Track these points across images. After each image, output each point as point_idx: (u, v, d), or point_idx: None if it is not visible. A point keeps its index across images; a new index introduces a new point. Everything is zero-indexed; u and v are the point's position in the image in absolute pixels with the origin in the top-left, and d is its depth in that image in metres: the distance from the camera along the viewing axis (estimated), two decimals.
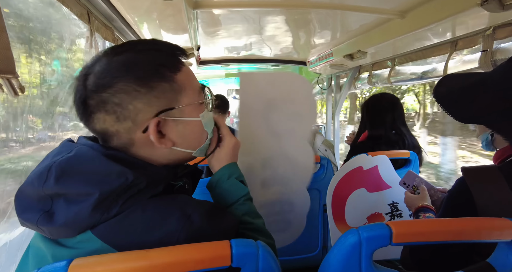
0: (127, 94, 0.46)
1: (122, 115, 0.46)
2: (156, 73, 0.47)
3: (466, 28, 1.12)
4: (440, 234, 0.45)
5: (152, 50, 0.49)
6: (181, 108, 0.50)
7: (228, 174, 0.61)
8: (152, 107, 0.47)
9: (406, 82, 1.77)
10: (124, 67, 0.46)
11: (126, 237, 0.42)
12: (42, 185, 0.42)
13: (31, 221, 0.42)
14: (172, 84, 0.49)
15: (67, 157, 0.44)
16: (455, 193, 0.66)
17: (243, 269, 0.43)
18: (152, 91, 0.47)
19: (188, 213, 0.44)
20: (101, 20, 0.95)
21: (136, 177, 0.43)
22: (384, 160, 1.24)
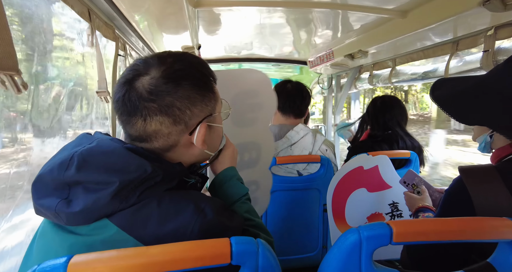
0: (188, 100, 0.51)
1: (179, 118, 0.51)
2: (207, 82, 0.54)
3: (468, 28, 1.12)
4: (441, 234, 0.45)
5: (199, 63, 0.55)
6: (215, 116, 0.57)
7: (230, 175, 0.68)
8: (203, 112, 0.54)
9: (407, 82, 1.77)
10: (185, 76, 0.51)
11: (142, 226, 0.44)
12: (63, 173, 0.44)
13: (49, 207, 0.44)
14: (214, 94, 0.56)
15: (88, 147, 0.46)
16: (452, 193, 0.66)
17: (243, 267, 0.43)
18: (204, 99, 0.53)
19: (202, 206, 0.47)
20: (102, 18, 0.95)
21: (154, 170, 0.46)
22: (384, 160, 1.24)
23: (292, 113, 1.39)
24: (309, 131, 1.38)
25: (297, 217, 1.38)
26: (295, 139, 1.35)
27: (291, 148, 1.35)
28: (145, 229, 0.44)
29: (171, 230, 0.44)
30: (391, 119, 1.50)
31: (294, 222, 1.38)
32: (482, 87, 0.66)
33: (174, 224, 0.44)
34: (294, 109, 1.38)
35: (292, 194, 1.35)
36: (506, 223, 0.48)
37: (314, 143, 1.38)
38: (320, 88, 2.82)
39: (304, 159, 1.33)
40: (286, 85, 1.42)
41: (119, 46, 1.12)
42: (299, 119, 1.41)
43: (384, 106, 1.53)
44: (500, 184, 0.58)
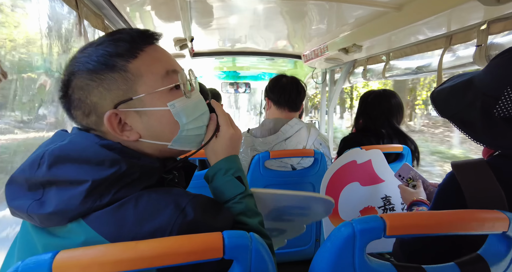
0: (82, 89, 0.46)
1: (86, 110, 0.47)
2: (105, 64, 0.46)
3: (461, 22, 1.12)
4: (433, 227, 0.45)
5: (108, 41, 0.47)
6: (141, 98, 0.47)
7: (225, 169, 0.56)
8: (106, 100, 0.46)
9: (400, 77, 1.77)
10: (80, 63, 0.46)
11: (119, 228, 0.41)
12: (34, 172, 0.42)
13: (21, 209, 0.42)
14: (124, 74, 0.46)
15: (60, 145, 0.44)
16: (445, 187, 0.67)
17: (235, 261, 0.42)
18: (102, 83, 0.46)
19: (182, 206, 0.43)
20: (90, 7, 0.91)
21: (129, 167, 0.43)
22: (377, 154, 1.24)
23: (287, 107, 1.38)
24: (303, 125, 1.38)
25: None
26: (290, 133, 1.34)
27: (285, 142, 1.35)
28: (121, 231, 0.41)
29: (148, 232, 0.41)
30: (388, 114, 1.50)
31: None
32: (468, 83, 0.67)
33: (151, 225, 0.41)
34: (289, 103, 1.37)
35: (286, 188, 1.35)
36: (496, 216, 0.48)
37: (308, 137, 1.37)
38: (314, 83, 2.81)
39: (298, 153, 1.33)
40: (281, 79, 1.41)
41: None
42: (294, 113, 1.41)
43: (375, 101, 1.53)
44: (491, 178, 0.59)
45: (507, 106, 0.58)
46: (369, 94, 1.59)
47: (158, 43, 0.51)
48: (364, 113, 1.56)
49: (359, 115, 1.60)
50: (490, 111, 0.60)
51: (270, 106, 1.42)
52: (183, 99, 0.50)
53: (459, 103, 0.67)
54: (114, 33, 0.49)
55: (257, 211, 0.58)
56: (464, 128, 0.65)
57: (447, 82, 0.75)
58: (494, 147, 0.62)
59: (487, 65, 0.66)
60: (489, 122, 0.61)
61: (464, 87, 0.68)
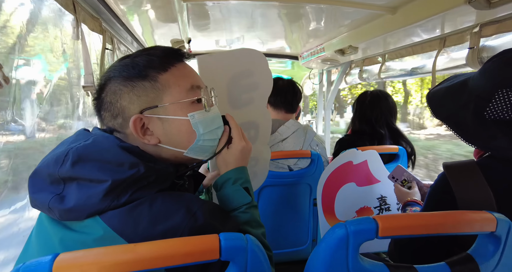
0: (114, 93, 0.51)
1: (114, 113, 0.52)
2: (139, 73, 0.51)
3: (455, 25, 1.14)
4: (424, 228, 0.46)
5: (145, 55, 0.53)
6: (165, 107, 0.52)
7: (234, 179, 0.60)
8: (134, 104, 0.51)
9: (396, 78, 1.79)
10: (117, 71, 0.51)
11: (133, 227, 0.44)
12: (58, 168, 0.45)
13: (43, 201, 0.45)
14: (154, 83, 0.51)
15: (84, 145, 0.47)
16: (436, 188, 0.68)
17: (232, 262, 0.43)
18: (133, 89, 0.51)
19: (193, 210, 0.46)
20: (88, 11, 0.92)
21: (147, 170, 0.46)
22: (373, 155, 1.26)
23: (283, 108, 1.39)
24: (299, 126, 1.39)
25: (288, 211, 1.40)
26: (286, 134, 1.36)
27: (282, 143, 1.36)
28: (135, 229, 0.43)
29: (161, 232, 0.43)
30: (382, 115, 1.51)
31: (285, 217, 1.40)
32: (463, 84, 0.68)
33: (164, 226, 0.44)
34: (286, 104, 1.39)
35: (283, 189, 1.37)
36: (485, 216, 0.50)
37: (304, 138, 1.39)
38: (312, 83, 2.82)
39: (294, 154, 1.34)
40: (278, 81, 1.43)
41: (106, 39, 1.09)
42: (290, 114, 1.42)
43: (374, 102, 1.54)
44: (481, 179, 0.60)
45: (497, 109, 0.59)
46: (366, 95, 1.59)
47: (187, 61, 0.57)
48: (362, 115, 1.56)
49: (355, 117, 1.60)
50: (482, 113, 0.62)
51: (267, 107, 1.43)
52: (202, 112, 0.55)
53: (453, 105, 0.68)
54: (150, 48, 0.55)
55: (261, 223, 0.61)
56: (457, 130, 0.66)
57: (444, 82, 0.76)
58: (485, 149, 0.63)
59: (481, 68, 0.66)
60: (481, 124, 0.62)
61: (459, 88, 0.69)
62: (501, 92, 0.59)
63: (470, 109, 0.64)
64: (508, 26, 0.99)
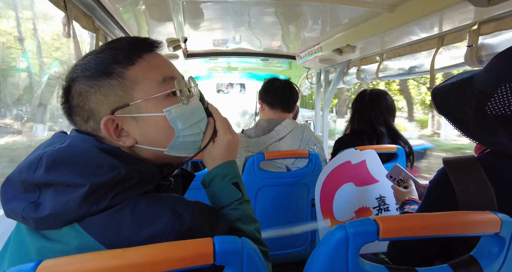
0: (81, 95, 0.47)
1: (84, 116, 0.48)
2: (103, 70, 0.47)
3: (453, 23, 1.13)
4: (426, 229, 0.44)
5: (108, 49, 0.48)
6: (137, 104, 0.48)
7: (222, 174, 0.56)
8: (103, 105, 0.47)
9: (394, 77, 1.78)
10: (79, 70, 0.47)
11: (115, 233, 0.41)
12: (31, 174, 0.41)
13: (16, 211, 0.41)
14: (121, 80, 0.47)
15: (59, 148, 0.44)
16: (436, 184, 0.67)
17: (227, 267, 0.42)
18: (100, 89, 0.47)
19: (180, 212, 0.43)
20: (80, 8, 0.90)
21: (128, 172, 0.43)
22: (372, 155, 1.25)
23: (280, 107, 1.38)
24: (296, 125, 1.38)
25: (286, 212, 1.38)
26: (283, 133, 1.34)
27: (280, 143, 1.34)
28: (118, 236, 0.41)
29: (145, 238, 0.41)
30: (380, 115, 1.51)
31: (283, 217, 1.38)
32: (468, 81, 0.68)
33: (148, 231, 0.41)
34: (282, 103, 1.38)
35: (281, 189, 1.35)
36: (489, 217, 0.48)
37: (302, 137, 1.37)
38: (309, 83, 2.81)
39: (292, 154, 1.33)
40: (274, 81, 1.43)
41: (100, 38, 1.07)
42: (287, 113, 1.41)
43: (374, 100, 1.53)
44: (482, 176, 0.59)
45: (498, 104, 0.58)
46: (365, 94, 1.58)
47: (158, 50, 0.52)
48: (361, 113, 1.55)
49: (354, 116, 1.60)
50: (483, 109, 0.61)
51: (264, 107, 1.42)
52: (179, 106, 0.51)
53: (456, 101, 0.67)
54: (114, 41, 0.51)
55: (254, 218, 0.58)
56: (458, 125, 0.65)
57: (451, 79, 0.75)
58: (486, 145, 0.62)
59: (487, 64, 0.65)
60: (482, 119, 0.61)
61: (464, 84, 0.68)
62: (504, 87, 0.58)
63: (472, 104, 0.63)
64: (507, 23, 0.97)
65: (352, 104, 1.63)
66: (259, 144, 1.33)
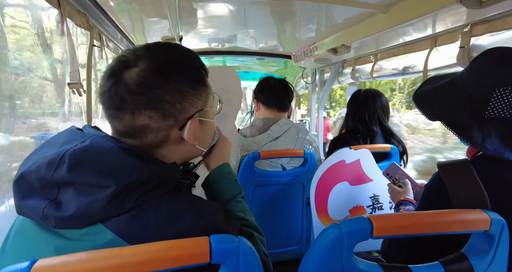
0: (179, 93, 0.49)
1: (168, 113, 0.48)
2: (199, 76, 0.52)
3: (446, 24, 1.15)
4: (418, 227, 0.45)
5: (192, 55, 0.53)
6: (207, 110, 0.55)
7: (226, 172, 0.65)
8: (194, 107, 0.51)
9: (388, 77, 1.80)
10: (176, 68, 0.49)
11: (141, 233, 0.42)
12: (52, 172, 0.41)
13: (34, 208, 0.41)
14: (206, 88, 0.53)
15: (81, 147, 0.43)
16: (431, 187, 0.68)
17: (223, 265, 0.42)
18: (195, 93, 0.51)
19: (200, 212, 0.46)
20: (73, 5, 0.89)
21: (151, 173, 0.43)
22: (366, 154, 1.26)
23: (276, 107, 1.39)
24: (292, 125, 1.38)
25: (281, 211, 1.39)
26: (279, 132, 1.35)
27: (275, 142, 1.35)
28: (144, 236, 0.42)
29: (171, 237, 0.42)
30: (372, 115, 1.52)
31: (278, 216, 1.39)
32: (451, 84, 0.69)
33: (174, 231, 0.43)
34: (278, 103, 1.38)
35: (276, 188, 1.36)
36: (479, 215, 0.49)
37: (297, 137, 1.38)
38: (304, 83, 2.82)
39: (287, 153, 1.33)
40: (269, 81, 1.43)
41: (94, 36, 1.06)
42: (282, 113, 1.41)
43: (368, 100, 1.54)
44: (474, 178, 0.61)
45: (497, 108, 0.59)
46: (359, 94, 1.60)
47: None
48: (355, 113, 1.57)
49: (349, 115, 1.61)
50: (479, 113, 0.62)
51: (259, 107, 1.42)
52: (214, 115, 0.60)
53: (445, 105, 0.68)
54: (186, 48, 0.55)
55: (250, 212, 0.65)
56: (453, 128, 0.66)
57: (428, 84, 0.76)
58: (481, 149, 0.63)
59: (469, 67, 0.67)
60: (478, 123, 0.62)
61: (447, 88, 0.69)
62: (498, 91, 0.59)
63: (466, 109, 0.64)
64: (498, 25, 0.99)
65: (347, 104, 1.64)
66: (254, 144, 1.34)
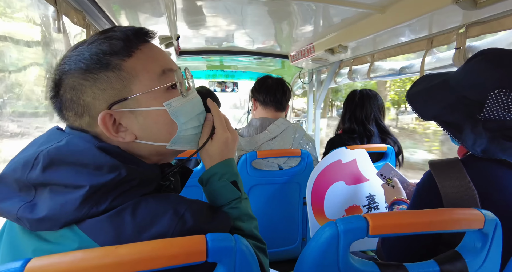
0: (74, 89, 0.44)
1: (79, 111, 0.45)
2: (99, 63, 0.44)
3: (441, 25, 1.16)
4: (414, 226, 0.46)
5: (102, 39, 0.45)
6: (136, 98, 0.45)
7: (220, 173, 0.55)
8: (99, 100, 0.45)
9: (385, 77, 1.81)
10: (72, 62, 0.44)
11: (116, 236, 0.40)
12: (27, 173, 0.40)
13: (10, 210, 0.40)
14: (119, 73, 0.44)
15: (56, 146, 0.42)
16: (422, 186, 0.69)
17: (219, 264, 0.42)
18: (96, 83, 0.44)
19: (181, 212, 0.43)
20: (69, 2, 0.88)
21: (129, 173, 0.42)
22: (362, 154, 1.27)
23: (273, 106, 1.39)
24: (289, 124, 1.38)
25: (278, 210, 1.39)
26: (276, 132, 1.35)
27: (272, 142, 1.35)
28: (118, 239, 0.40)
29: (147, 240, 0.40)
30: (369, 115, 1.54)
31: (274, 216, 1.39)
32: (445, 84, 0.69)
33: (150, 233, 0.40)
34: (275, 103, 1.38)
35: (273, 188, 1.36)
36: (474, 213, 0.50)
37: (294, 137, 1.38)
38: (301, 83, 2.83)
39: (284, 153, 1.34)
40: (267, 80, 1.43)
41: (90, 34, 1.05)
42: (280, 112, 1.42)
43: (364, 100, 1.56)
44: (464, 176, 0.61)
45: (493, 109, 0.60)
46: (355, 94, 1.61)
47: (152, 41, 0.50)
48: (351, 113, 1.58)
49: (345, 116, 1.62)
50: (473, 115, 0.62)
51: (257, 106, 1.42)
52: (179, 99, 0.49)
53: (439, 105, 0.68)
54: (107, 30, 0.47)
55: (252, 215, 0.57)
56: (448, 128, 0.67)
57: (420, 83, 0.76)
58: (473, 151, 0.63)
59: (462, 68, 0.68)
60: (472, 125, 0.63)
61: (441, 88, 0.70)
62: (494, 93, 0.59)
63: (460, 110, 0.64)
64: (492, 27, 1.01)
65: (343, 104, 1.65)
66: (251, 143, 1.33)
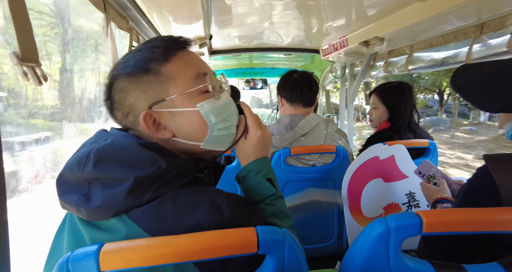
0: (121, 91, 0.50)
1: (124, 111, 0.51)
2: (141, 68, 0.50)
3: (494, 9, 1.06)
4: (475, 224, 0.43)
5: (145, 48, 0.51)
6: (173, 99, 0.51)
7: (256, 170, 0.58)
8: (141, 100, 0.50)
9: (424, 69, 1.71)
10: (120, 68, 0.51)
11: (159, 223, 0.44)
12: (81, 170, 0.45)
13: (71, 202, 0.46)
14: (158, 76, 0.50)
15: (104, 144, 0.47)
16: (476, 182, 0.64)
17: (268, 256, 0.43)
18: (138, 85, 0.50)
19: (218, 204, 0.46)
20: (116, 9, 0.94)
21: (168, 165, 0.46)
22: (401, 150, 1.21)
23: (300, 103, 1.35)
24: (321, 120, 1.35)
25: (313, 207, 1.38)
26: (307, 128, 1.32)
27: (304, 138, 1.33)
28: (161, 226, 0.43)
29: (186, 228, 0.43)
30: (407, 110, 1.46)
31: (310, 212, 1.38)
32: (508, 71, 0.63)
33: (189, 221, 0.44)
34: (302, 98, 1.34)
35: (307, 184, 1.35)
36: None
37: (326, 132, 1.35)
38: (333, 77, 2.76)
39: (319, 149, 1.32)
40: (292, 75, 1.37)
41: (133, 38, 1.11)
42: (308, 108, 1.38)
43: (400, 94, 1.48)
44: None
45: None
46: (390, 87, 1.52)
47: (190, 48, 0.55)
48: (390, 109, 1.50)
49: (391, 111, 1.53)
50: None
51: (284, 103, 1.39)
52: (212, 101, 0.53)
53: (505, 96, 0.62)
54: (150, 40, 0.54)
55: (288, 214, 0.59)
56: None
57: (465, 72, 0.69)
58: None
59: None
60: None
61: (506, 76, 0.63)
62: None
63: None
64: None
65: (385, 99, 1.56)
66: (281, 141, 1.33)
